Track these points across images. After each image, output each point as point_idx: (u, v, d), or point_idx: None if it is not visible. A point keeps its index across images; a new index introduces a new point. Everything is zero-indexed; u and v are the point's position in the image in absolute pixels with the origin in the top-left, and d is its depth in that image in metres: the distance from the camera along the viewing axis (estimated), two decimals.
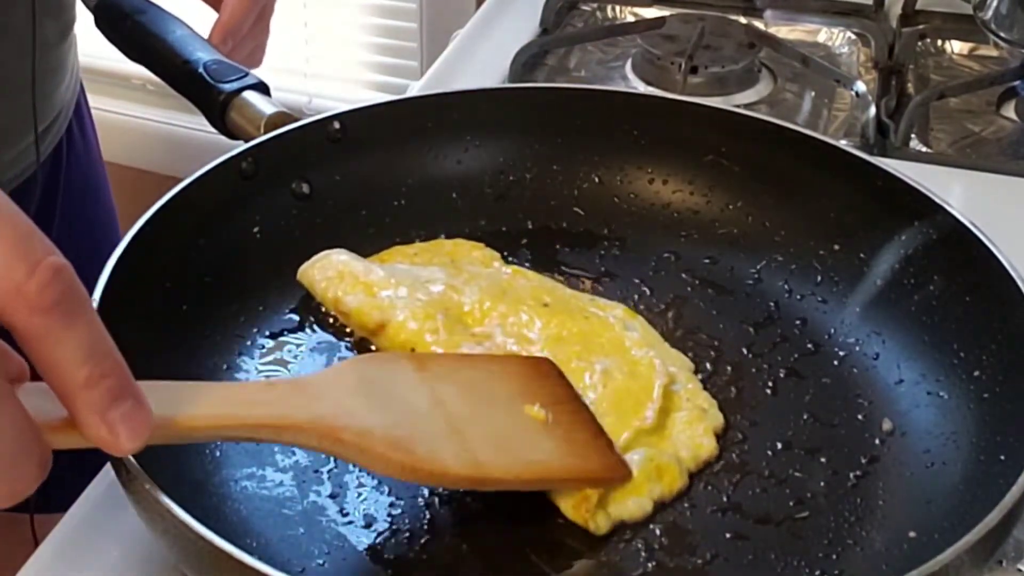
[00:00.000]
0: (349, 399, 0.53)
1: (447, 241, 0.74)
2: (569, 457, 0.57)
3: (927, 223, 0.67)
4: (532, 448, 0.56)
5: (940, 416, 0.62)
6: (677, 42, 1.07)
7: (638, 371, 0.64)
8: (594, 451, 0.58)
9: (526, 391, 0.59)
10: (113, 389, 0.41)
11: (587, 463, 0.57)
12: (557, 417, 0.58)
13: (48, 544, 0.62)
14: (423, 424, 0.54)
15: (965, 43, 1.12)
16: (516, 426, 0.57)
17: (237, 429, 0.49)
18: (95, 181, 1.01)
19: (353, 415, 0.52)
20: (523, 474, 0.55)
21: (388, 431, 0.52)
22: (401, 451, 0.52)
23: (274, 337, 0.69)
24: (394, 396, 0.55)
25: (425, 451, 0.53)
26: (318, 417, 0.50)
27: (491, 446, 0.55)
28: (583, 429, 0.59)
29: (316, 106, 1.86)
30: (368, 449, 0.51)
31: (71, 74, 0.92)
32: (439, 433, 0.54)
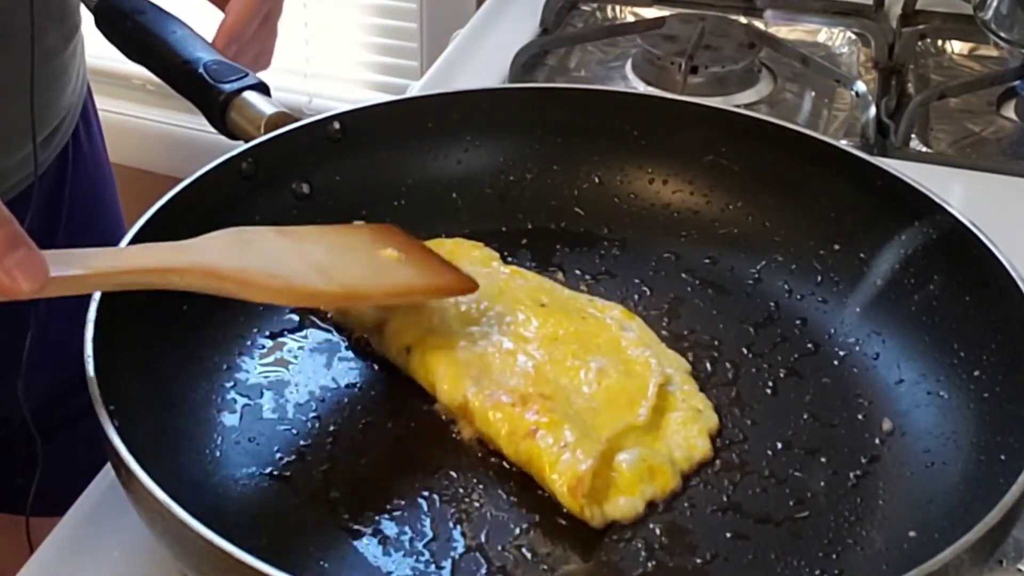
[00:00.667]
0: (225, 251, 0.59)
1: (447, 240, 0.74)
2: (424, 277, 0.66)
3: (927, 223, 0.67)
4: (391, 274, 0.66)
5: (940, 416, 0.62)
6: (677, 42, 1.07)
7: (634, 370, 0.64)
8: (444, 271, 0.67)
9: (378, 242, 0.67)
10: (5, 239, 0.47)
11: (440, 278, 0.67)
12: (409, 257, 0.67)
13: (48, 544, 0.62)
14: (293, 264, 0.61)
15: (965, 43, 1.12)
16: (375, 263, 0.66)
17: (128, 274, 0.55)
18: (102, 183, 1.00)
19: (230, 259, 0.59)
20: (388, 290, 0.65)
21: (262, 268, 0.59)
22: (277, 279, 0.59)
23: (274, 337, 0.69)
24: (263, 250, 0.61)
25: (298, 280, 0.60)
26: (200, 262, 0.57)
27: (355, 276, 0.64)
28: (432, 261, 0.68)
29: (316, 106, 1.86)
30: (247, 280, 0.58)
31: (76, 79, 0.91)
32: (308, 271, 0.61)
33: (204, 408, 0.63)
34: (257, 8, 0.83)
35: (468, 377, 0.62)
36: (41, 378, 0.88)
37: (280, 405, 0.64)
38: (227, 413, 0.63)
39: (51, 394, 0.92)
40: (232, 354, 0.67)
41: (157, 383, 0.62)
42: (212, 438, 0.62)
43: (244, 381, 0.66)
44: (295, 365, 0.67)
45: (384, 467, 0.61)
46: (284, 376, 0.66)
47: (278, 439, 0.62)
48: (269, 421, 0.63)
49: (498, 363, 0.64)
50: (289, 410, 0.64)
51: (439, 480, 0.60)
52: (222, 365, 0.66)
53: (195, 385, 0.64)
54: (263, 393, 0.65)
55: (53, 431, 0.91)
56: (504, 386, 0.62)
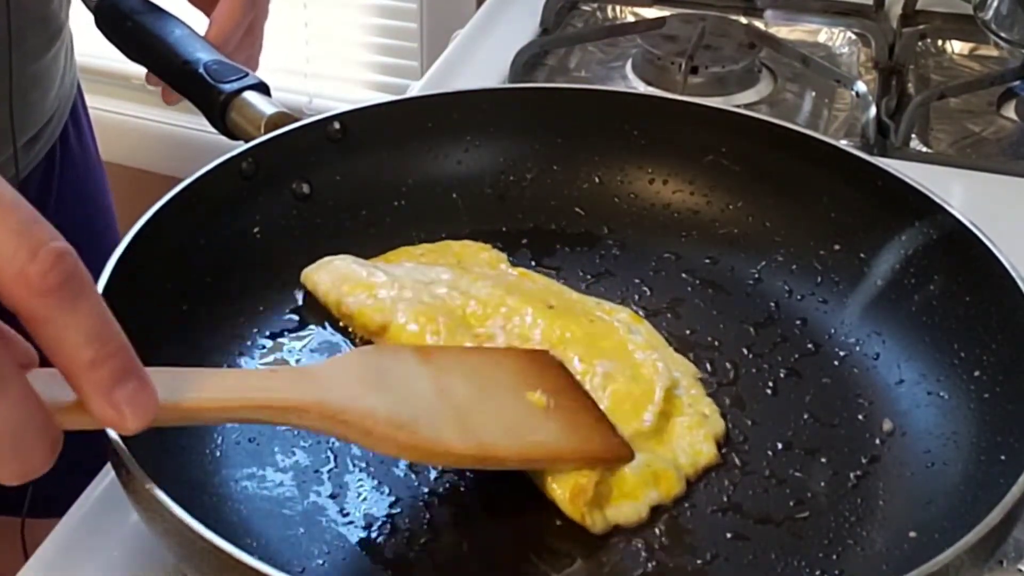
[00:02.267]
0: (352, 384, 0.53)
1: (454, 242, 0.74)
2: (571, 438, 0.58)
3: (927, 223, 0.67)
4: (534, 429, 0.57)
5: (940, 416, 0.62)
6: (677, 42, 1.07)
7: (640, 375, 0.63)
8: (596, 432, 0.59)
9: (528, 379, 0.60)
10: (117, 370, 0.42)
11: (589, 443, 0.58)
12: (559, 403, 0.59)
13: (48, 544, 0.62)
14: (426, 407, 0.55)
15: (965, 43, 1.12)
16: (518, 410, 0.58)
17: (241, 410, 0.50)
18: (93, 185, 1.00)
19: (356, 398, 0.53)
20: (525, 452, 0.57)
21: (391, 413, 0.53)
22: (404, 431, 0.53)
23: (274, 337, 0.69)
24: (397, 383, 0.56)
25: (428, 431, 0.54)
26: (321, 399, 0.51)
27: (494, 427, 0.56)
28: (585, 413, 0.60)
29: (316, 106, 1.86)
30: (371, 429, 0.52)
31: (62, 80, 0.91)
32: (442, 415, 0.55)
33: None
34: (241, 18, 0.83)
35: None
36: None
37: None
38: None
39: None
40: (232, 354, 0.67)
41: None
42: (212, 438, 0.62)
43: None
44: (295, 365, 0.67)
45: (384, 467, 0.61)
46: None
47: (278, 439, 0.62)
48: None
49: None
50: None
51: (439, 480, 0.60)
52: (222, 365, 0.66)
53: None
54: None
55: None
56: None
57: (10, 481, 0.41)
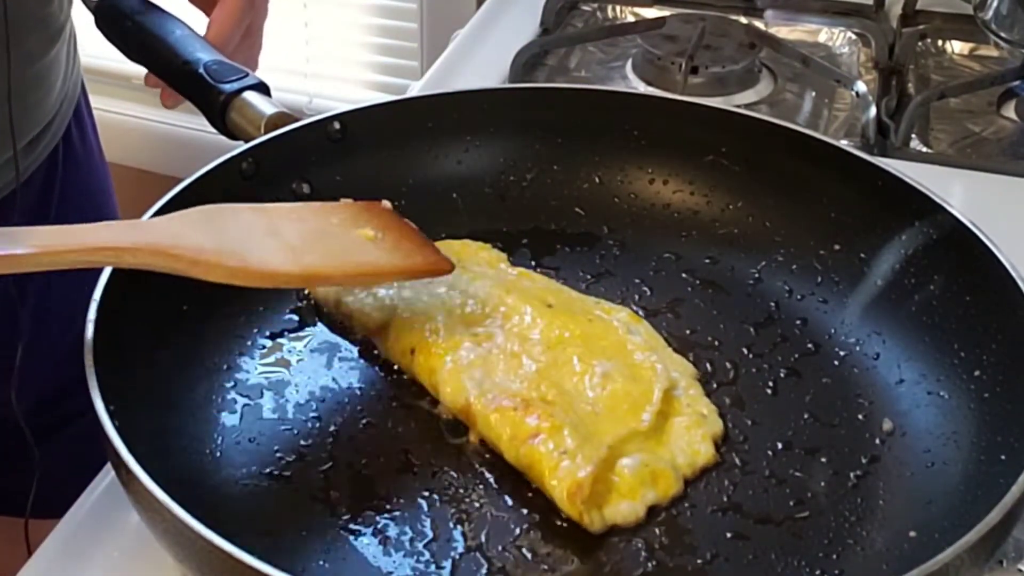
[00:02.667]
0: (185, 228, 0.59)
1: (454, 242, 0.74)
2: (396, 258, 0.65)
3: (927, 223, 0.67)
4: (361, 254, 0.64)
5: (940, 416, 0.62)
6: (677, 42, 1.07)
7: (639, 375, 0.63)
8: (419, 253, 0.66)
9: (358, 221, 0.66)
10: None
11: (412, 260, 0.66)
12: (386, 236, 0.66)
13: (48, 544, 0.62)
14: (255, 243, 0.61)
15: (965, 43, 1.12)
16: (347, 242, 0.65)
17: (76, 253, 0.55)
18: (96, 185, 1.00)
19: (187, 237, 0.58)
20: (350, 270, 0.64)
21: (220, 246, 0.59)
22: (233, 258, 0.59)
23: (274, 337, 0.69)
24: (230, 228, 0.61)
25: (255, 259, 0.60)
26: (153, 241, 0.57)
27: (321, 253, 0.63)
28: (410, 239, 0.67)
29: (316, 106, 1.86)
30: (200, 260, 0.58)
31: (64, 81, 0.91)
32: (270, 248, 0.61)
33: (204, 408, 0.63)
34: (241, 18, 0.83)
35: (471, 380, 0.62)
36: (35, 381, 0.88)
37: (280, 405, 0.64)
38: (227, 413, 0.63)
39: (46, 397, 0.92)
40: (232, 354, 0.67)
41: (157, 383, 0.62)
42: (212, 438, 0.62)
43: (244, 381, 0.66)
44: (295, 365, 0.67)
45: (384, 467, 0.61)
46: (284, 376, 0.66)
47: (278, 439, 0.62)
48: (269, 421, 0.63)
49: (502, 366, 0.63)
50: (289, 410, 0.64)
51: (439, 480, 0.60)
52: (222, 365, 0.66)
53: (195, 385, 0.64)
54: (263, 393, 0.65)
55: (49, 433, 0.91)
56: (507, 390, 0.62)
57: None
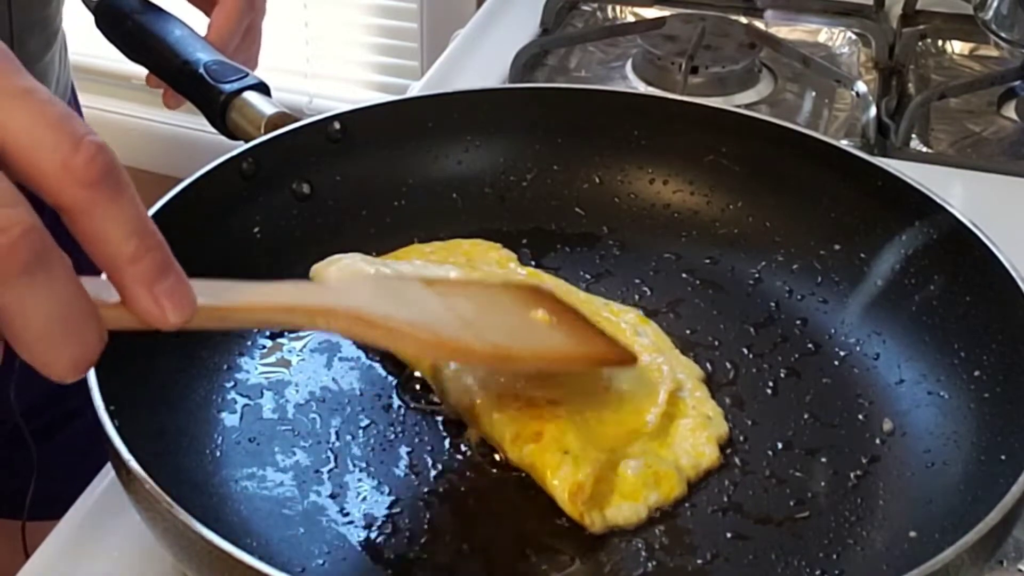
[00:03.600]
0: (372, 298, 0.56)
1: (464, 241, 0.74)
2: (577, 344, 0.61)
3: (928, 223, 0.67)
4: (542, 337, 0.60)
5: (941, 416, 0.62)
6: (677, 42, 1.07)
7: (645, 376, 0.63)
8: (599, 342, 0.62)
9: (529, 302, 0.63)
10: (158, 263, 0.42)
11: (595, 349, 0.61)
12: (560, 321, 0.62)
13: (48, 545, 0.62)
14: (440, 318, 0.58)
15: (966, 43, 1.12)
16: (524, 324, 0.61)
17: (272, 312, 0.52)
18: None
19: (378, 307, 0.55)
20: (539, 352, 0.60)
21: (411, 318, 0.56)
22: (426, 331, 0.56)
23: (274, 337, 0.68)
24: (411, 300, 0.58)
25: (447, 333, 0.56)
26: (347, 304, 0.54)
27: (504, 334, 0.60)
28: (586, 328, 0.62)
29: (316, 106, 1.86)
30: (395, 329, 0.54)
31: (57, 83, 0.91)
32: (456, 325, 0.57)
33: (204, 408, 0.63)
34: (240, 19, 0.83)
35: (475, 378, 0.62)
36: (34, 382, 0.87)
37: (280, 405, 0.64)
38: (227, 413, 0.63)
39: (45, 398, 0.91)
40: (232, 354, 0.67)
41: (157, 383, 0.61)
42: (212, 438, 0.62)
43: (244, 381, 0.66)
44: (295, 365, 0.67)
45: (385, 467, 0.61)
46: (284, 376, 0.66)
47: (278, 439, 0.62)
48: (269, 421, 0.63)
49: None
50: (289, 410, 0.64)
51: (440, 480, 0.60)
52: (222, 365, 0.66)
53: (195, 385, 0.64)
54: (263, 393, 0.65)
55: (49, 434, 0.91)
56: (510, 389, 0.62)
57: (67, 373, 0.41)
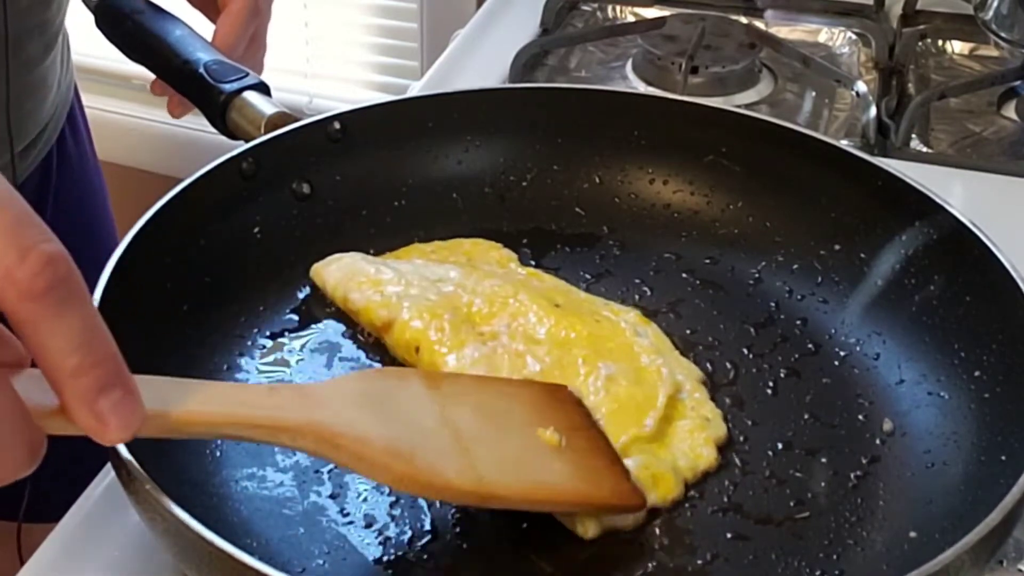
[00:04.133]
0: (351, 408, 0.52)
1: (465, 240, 0.74)
2: (580, 481, 0.56)
3: (928, 223, 0.67)
4: (542, 469, 0.55)
5: (941, 416, 0.62)
6: (678, 42, 1.07)
7: (644, 378, 0.63)
8: (607, 477, 0.57)
9: (541, 415, 0.58)
10: (102, 378, 0.41)
11: (599, 489, 0.56)
12: (571, 442, 0.57)
13: (47, 545, 0.62)
14: (427, 438, 0.53)
15: (966, 43, 1.12)
16: (527, 448, 0.56)
17: (232, 427, 0.49)
18: (90, 187, 1.00)
19: (353, 423, 0.51)
20: (529, 494, 0.54)
21: (389, 441, 0.51)
22: (401, 460, 0.51)
23: (274, 337, 0.68)
24: (399, 410, 0.54)
25: (426, 463, 0.52)
26: (317, 421, 0.50)
27: (498, 465, 0.54)
28: (598, 456, 0.58)
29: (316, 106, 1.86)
30: (366, 456, 0.51)
31: (59, 85, 0.90)
32: (443, 448, 0.53)
33: None
34: (246, 26, 0.83)
35: None
36: None
37: None
38: None
39: None
40: (232, 354, 0.67)
41: None
42: None
43: (244, 381, 0.65)
44: (295, 365, 0.67)
45: None
46: (284, 376, 0.66)
47: None
48: None
49: (506, 365, 0.63)
50: None
51: None
52: (222, 365, 0.66)
53: None
54: None
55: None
56: None
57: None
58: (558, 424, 0.57)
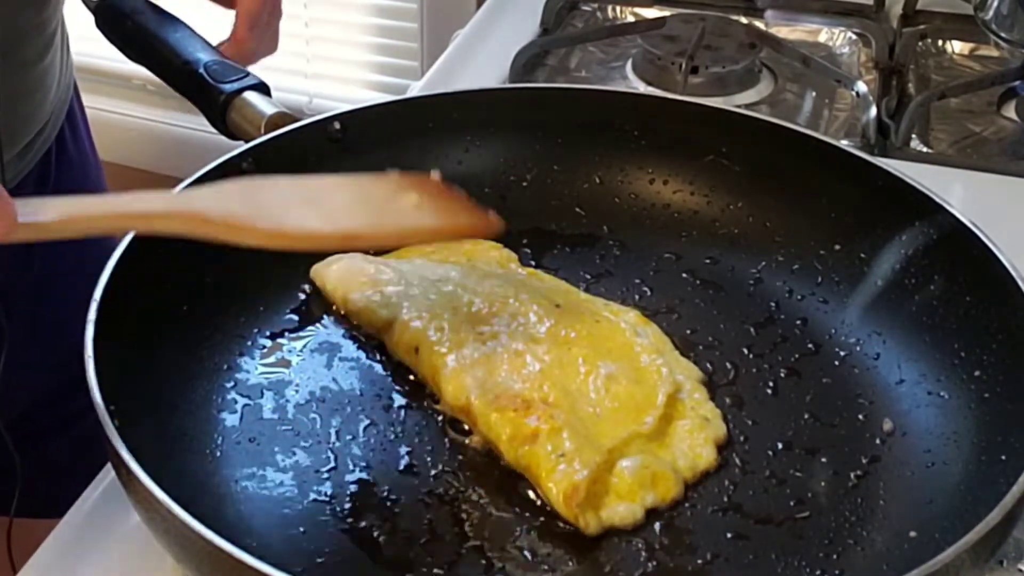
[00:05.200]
0: (220, 197, 0.59)
1: (466, 240, 0.74)
2: (437, 219, 0.64)
3: (928, 223, 0.67)
4: (400, 218, 0.63)
5: (941, 416, 0.62)
6: (678, 42, 1.07)
7: (644, 377, 0.63)
8: (463, 214, 0.65)
9: (403, 188, 0.65)
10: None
11: (455, 219, 0.65)
12: (432, 201, 0.65)
13: (48, 544, 0.62)
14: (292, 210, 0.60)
15: (966, 43, 1.12)
16: (387, 206, 0.64)
17: (107, 219, 0.54)
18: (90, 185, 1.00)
19: (220, 204, 0.57)
20: (388, 230, 0.63)
21: (253, 211, 0.58)
22: (266, 221, 0.57)
23: (274, 337, 0.68)
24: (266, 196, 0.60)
25: (291, 221, 0.59)
26: (184, 205, 0.57)
27: (359, 218, 0.62)
28: (456, 203, 0.65)
29: (316, 106, 1.86)
30: (234, 224, 0.57)
31: (58, 86, 0.90)
32: (307, 214, 0.60)
33: (204, 408, 0.63)
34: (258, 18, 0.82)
35: (473, 379, 0.62)
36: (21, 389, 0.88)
37: (280, 405, 0.64)
38: (227, 413, 0.63)
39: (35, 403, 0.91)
40: (232, 354, 0.67)
41: (157, 383, 0.62)
42: (212, 438, 0.62)
43: (244, 381, 0.66)
44: (295, 365, 0.67)
45: (385, 467, 0.61)
46: (284, 376, 0.66)
47: (278, 439, 0.62)
48: (269, 421, 0.63)
49: (505, 365, 0.63)
50: (289, 410, 0.64)
51: (440, 480, 0.60)
52: (222, 365, 0.66)
53: (195, 385, 0.64)
54: (263, 393, 0.65)
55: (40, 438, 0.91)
56: (508, 390, 0.62)
57: None
58: (419, 192, 0.65)
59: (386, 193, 0.65)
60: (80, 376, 0.56)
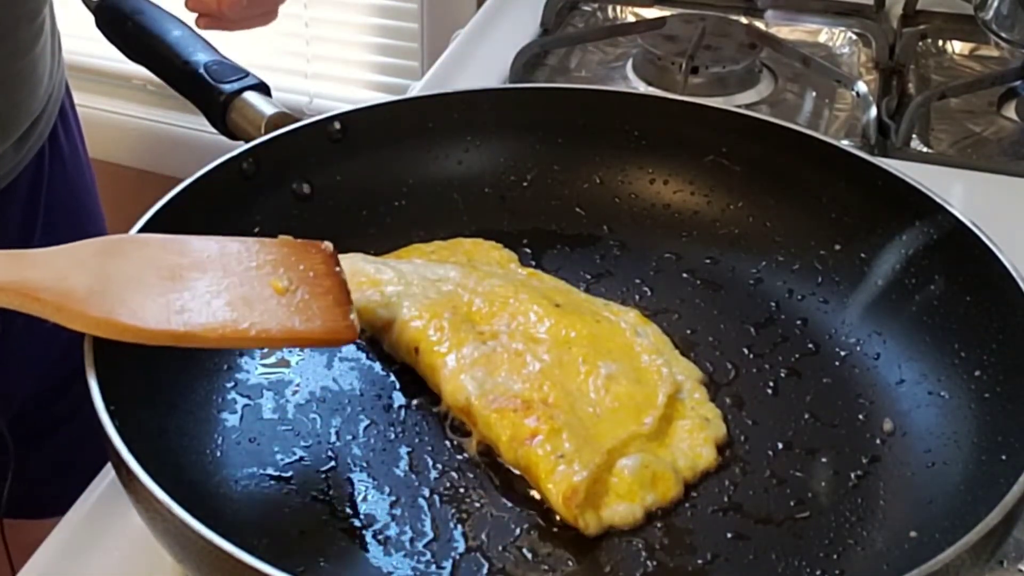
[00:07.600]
0: (64, 266, 0.56)
1: (465, 240, 0.74)
2: (293, 321, 0.60)
3: (928, 223, 0.67)
4: (255, 312, 0.59)
5: (941, 416, 0.62)
6: (678, 42, 1.07)
7: (644, 377, 0.63)
8: (325, 317, 0.61)
9: (279, 266, 0.62)
10: None
11: (311, 326, 0.60)
12: (300, 289, 0.61)
13: (48, 544, 0.62)
14: (141, 290, 0.57)
15: (966, 43, 1.12)
16: (248, 294, 0.60)
17: None
18: (82, 184, 1.00)
19: (62, 279, 0.55)
20: (228, 333, 0.59)
21: (92, 293, 0.56)
22: (99, 309, 0.55)
23: None
24: (123, 266, 0.58)
25: (128, 311, 0.56)
26: (18, 280, 0.54)
27: (207, 310, 0.59)
28: (323, 298, 0.62)
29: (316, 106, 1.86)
30: (65, 307, 0.55)
31: (51, 77, 0.90)
32: (152, 297, 0.57)
33: (204, 408, 0.63)
34: None
35: (472, 379, 0.62)
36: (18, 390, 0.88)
37: (280, 405, 0.64)
38: (227, 413, 0.63)
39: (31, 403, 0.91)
40: (232, 354, 0.67)
41: (157, 383, 0.61)
42: (212, 438, 0.62)
43: (244, 381, 0.66)
44: (295, 365, 0.67)
45: (385, 468, 0.61)
46: (284, 376, 0.66)
47: (278, 439, 0.62)
48: (269, 421, 0.63)
49: (505, 365, 0.63)
50: (289, 410, 0.64)
51: (440, 480, 0.60)
52: (222, 365, 0.66)
53: (195, 385, 0.64)
54: (263, 393, 0.65)
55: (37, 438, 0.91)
56: (508, 390, 0.62)
57: None
58: (293, 275, 0.62)
59: (257, 271, 0.62)
60: (74, 371, 0.55)
